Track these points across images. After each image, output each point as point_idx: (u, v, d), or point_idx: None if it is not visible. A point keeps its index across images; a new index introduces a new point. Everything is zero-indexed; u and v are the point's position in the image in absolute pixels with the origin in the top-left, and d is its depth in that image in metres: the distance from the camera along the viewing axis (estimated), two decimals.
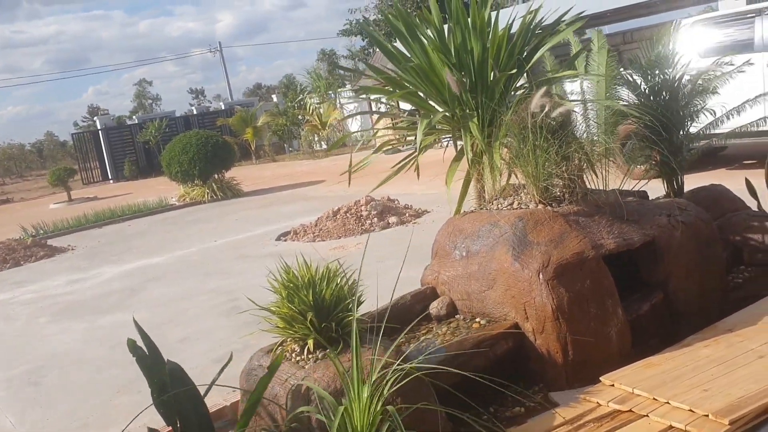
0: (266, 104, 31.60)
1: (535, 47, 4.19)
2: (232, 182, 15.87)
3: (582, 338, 2.94)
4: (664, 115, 4.23)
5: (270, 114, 26.72)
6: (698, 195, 4.27)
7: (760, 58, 7.84)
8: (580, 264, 3.01)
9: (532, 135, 3.31)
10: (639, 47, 4.59)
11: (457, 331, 3.15)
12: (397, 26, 4.13)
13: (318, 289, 2.69)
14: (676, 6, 16.50)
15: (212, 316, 5.78)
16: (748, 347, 2.85)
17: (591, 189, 3.60)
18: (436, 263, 3.59)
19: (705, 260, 3.44)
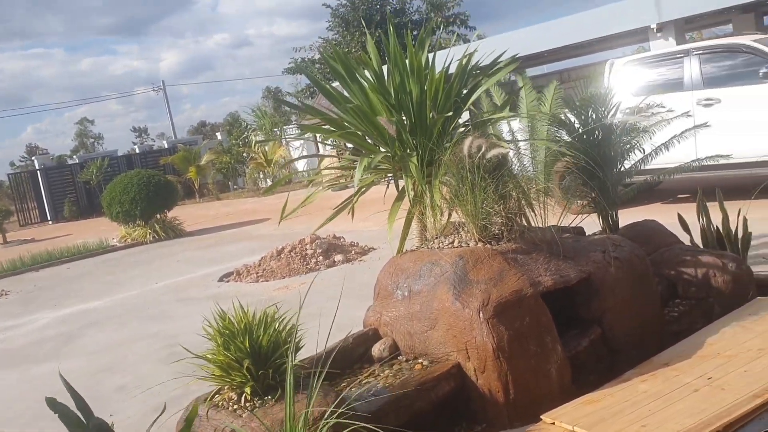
0: (210, 142, 31.36)
1: (472, 89, 4.28)
2: (175, 222, 15.61)
3: (522, 376, 2.95)
4: (597, 154, 4.35)
5: (214, 152, 26.50)
6: (633, 230, 4.38)
7: (689, 96, 8.18)
8: (519, 302, 3.04)
9: (471, 174, 3.36)
10: (575, 86, 4.73)
11: (400, 373, 3.13)
12: (336, 68, 4.16)
13: (255, 336, 2.64)
14: (611, 46, 17.14)
15: (152, 362, 5.61)
16: (683, 381, 2.91)
17: (529, 226, 3.65)
18: (378, 304, 3.57)
19: (640, 295, 3.51)
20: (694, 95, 8.24)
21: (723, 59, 8.32)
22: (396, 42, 4.05)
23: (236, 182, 28.65)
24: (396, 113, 4.05)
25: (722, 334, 3.34)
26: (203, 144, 30.18)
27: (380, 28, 28.00)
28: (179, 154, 26.28)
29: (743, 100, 7.95)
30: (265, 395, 2.68)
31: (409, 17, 32.23)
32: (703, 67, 8.35)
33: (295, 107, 5.43)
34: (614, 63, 9.34)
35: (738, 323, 3.44)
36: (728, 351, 3.12)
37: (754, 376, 2.80)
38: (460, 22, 32.00)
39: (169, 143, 33.79)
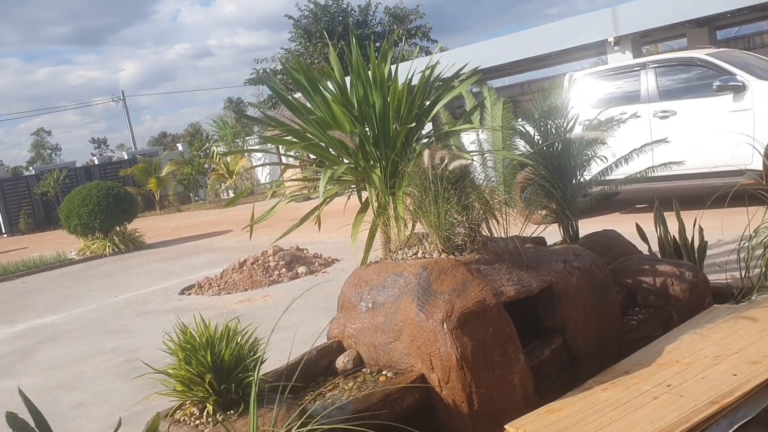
0: (171, 153, 31.02)
1: (435, 101, 4.31)
2: (135, 234, 15.37)
3: (486, 387, 2.96)
4: (557, 165, 4.42)
5: (175, 163, 26.21)
6: (592, 240, 4.45)
7: (645, 108, 8.36)
8: (482, 312, 3.06)
9: (434, 185, 3.38)
10: (535, 98, 4.80)
11: (364, 386, 3.12)
12: (299, 79, 4.16)
13: (217, 350, 2.60)
14: (570, 59, 17.46)
15: (111, 378, 5.50)
16: (643, 389, 2.95)
17: (491, 237, 3.69)
18: (342, 316, 3.56)
19: (600, 304, 3.56)
20: (650, 107, 8.43)
21: (678, 72, 8.53)
22: (359, 54, 4.07)
23: (197, 194, 28.35)
24: (359, 125, 4.05)
25: (680, 341, 3.40)
26: (164, 155, 29.83)
27: (343, 39, 28.08)
28: (139, 166, 25.93)
29: (698, 113, 8.15)
30: (228, 410, 2.64)
31: (371, 29, 32.39)
32: (659, 80, 8.55)
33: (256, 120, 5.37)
34: (573, 76, 9.50)
35: (695, 331, 3.50)
36: (686, 358, 3.18)
37: (711, 383, 2.86)
38: (422, 35, 32.27)
39: (129, 154, 33.31)
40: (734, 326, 3.48)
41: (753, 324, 3.46)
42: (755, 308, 3.68)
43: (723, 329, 3.46)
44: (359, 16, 32.63)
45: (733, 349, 3.17)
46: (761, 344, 3.18)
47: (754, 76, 7.84)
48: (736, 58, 8.40)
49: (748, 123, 7.66)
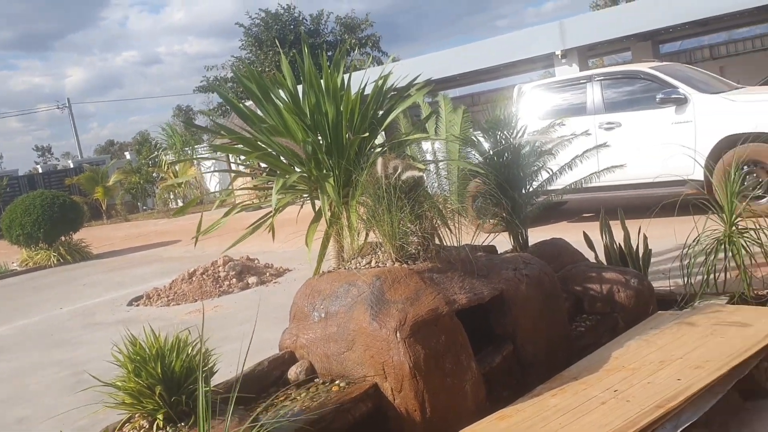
0: (119, 161, 30.38)
1: (388, 110, 4.34)
2: (81, 244, 14.99)
3: (438, 394, 2.98)
4: (507, 175, 4.49)
5: (123, 172, 25.68)
6: (541, 248, 4.53)
7: (591, 120, 8.57)
8: (435, 320, 3.08)
9: (387, 195, 3.39)
10: (485, 109, 4.87)
11: (317, 396, 3.10)
12: (250, 88, 4.13)
13: (167, 361, 2.56)
14: (519, 71, 17.76)
15: (56, 391, 5.34)
16: (591, 394, 3.01)
17: (444, 246, 3.72)
18: (294, 326, 3.54)
19: (549, 311, 3.63)
20: (596, 119, 8.64)
21: (623, 85, 8.76)
22: (311, 63, 4.07)
23: (146, 203, 27.82)
24: (312, 134, 4.05)
25: (626, 347, 3.48)
26: (111, 163, 29.20)
27: (294, 48, 28.01)
28: (85, 174, 25.32)
29: (642, 125, 8.39)
30: (179, 422, 2.60)
31: (323, 38, 32.40)
32: (605, 93, 8.77)
33: (205, 130, 5.31)
34: (522, 88, 9.67)
35: (641, 337, 3.60)
36: (632, 364, 3.25)
37: (656, 388, 2.94)
38: (372, 44, 32.43)
39: (74, 163, 32.53)
40: (678, 332, 3.58)
41: (696, 330, 3.57)
42: (698, 314, 3.80)
43: (667, 335, 3.56)
44: (311, 25, 32.62)
45: (677, 355, 3.27)
46: (703, 349, 3.28)
47: (696, 90, 8.11)
48: (678, 72, 8.69)
49: (690, 135, 7.92)
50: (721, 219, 4.43)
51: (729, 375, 3.05)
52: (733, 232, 4.35)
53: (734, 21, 15.02)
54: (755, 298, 4.21)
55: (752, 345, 3.25)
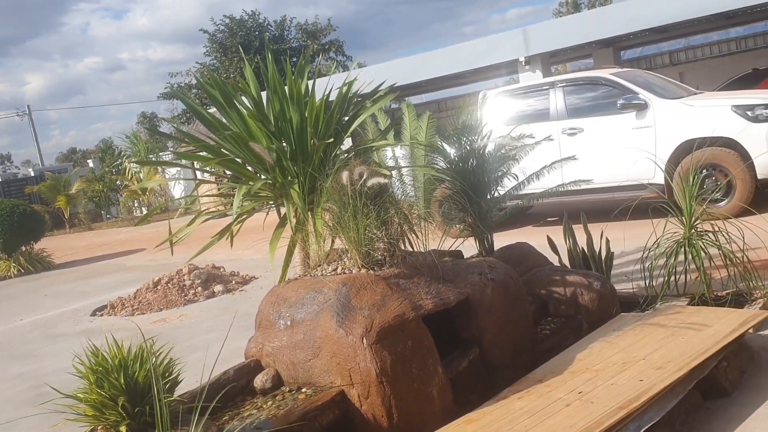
0: (81, 170, 29.89)
1: (353, 116, 4.34)
2: (43, 254, 14.70)
3: (405, 400, 2.99)
4: (473, 180, 4.53)
5: (85, 180, 25.25)
6: (506, 253, 4.57)
7: (554, 125, 8.68)
8: (401, 326, 3.09)
9: (353, 201, 3.40)
10: (451, 115, 4.91)
11: (283, 404, 3.08)
12: (214, 95, 4.11)
13: (130, 372, 2.52)
14: (484, 77, 17.93)
15: (16, 405, 5.21)
16: (556, 396, 3.04)
17: (410, 251, 3.73)
18: (260, 335, 3.52)
19: (515, 314, 3.66)
20: (559, 125, 8.75)
21: (585, 91, 8.90)
22: (275, 69, 4.06)
23: (110, 211, 27.40)
24: (276, 140, 4.04)
25: (590, 349, 3.53)
26: (74, 172, 28.70)
27: (258, 54, 27.87)
28: (47, 183, 24.83)
29: (603, 130, 8.52)
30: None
31: (288, 44, 32.32)
32: (567, 99, 8.90)
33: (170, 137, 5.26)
34: (487, 94, 9.75)
35: (604, 339, 3.65)
36: (596, 366, 3.30)
37: (619, 389, 2.98)
38: (336, 49, 32.44)
39: (35, 171, 31.91)
40: (640, 333, 3.64)
41: (657, 331, 3.63)
42: (659, 316, 3.87)
43: (630, 336, 3.62)
44: (275, 32, 32.53)
45: (640, 356, 3.32)
46: (665, 350, 3.34)
47: (656, 95, 8.27)
48: (638, 78, 8.85)
49: (651, 139, 8.07)
50: (681, 222, 4.52)
51: (690, 375, 3.11)
52: (693, 235, 4.44)
53: (692, 28, 15.36)
54: (715, 299, 4.30)
55: (712, 345, 3.32)
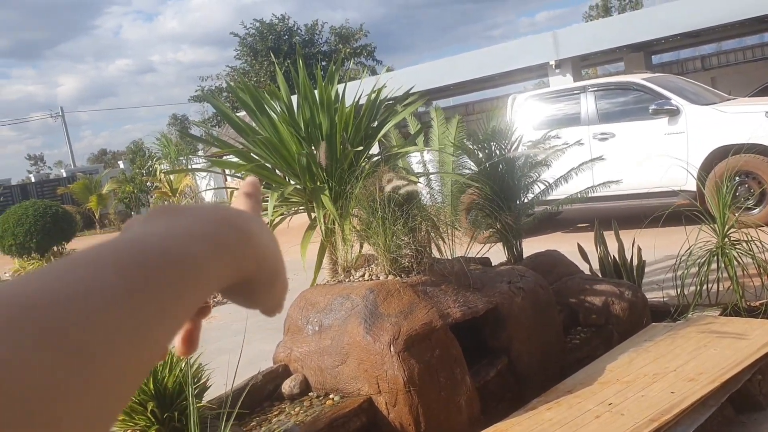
0: (112, 171, 30.32)
1: (382, 122, 4.35)
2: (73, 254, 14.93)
3: (433, 409, 2.98)
4: (502, 186, 4.50)
5: (116, 181, 25.61)
6: (536, 261, 4.53)
7: (585, 130, 8.60)
8: (429, 334, 3.08)
9: (381, 207, 3.40)
10: (480, 119, 4.89)
11: (311, 410, 3.09)
12: (245, 100, 4.13)
13: (159, 377, 2.55)
14: (513, 80, 17.82)
15: None
16: (585, 407, 3.01)
17: (438, 258, 3.72)
18: (288, 339, 3.53)
19: (544, 324, 3.63)
20: (590, 129, 8.67)
21: (616, 96, 8.80)
22: (305, 75, 4.08)
23: (140, 212, 27.75)
24: (306, 145, 4.05)
25: (620, 360, 3.48)
26: (104, 173, 29.12)
27: (289, 57, 28.05)
28: (78, 183, 25.25)
29: (635, 135, 8.42)
30: None
31: (318, 48, 32.46)
32: (598, 103, 8.81)
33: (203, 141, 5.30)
34: (516, 98, 9.70)
35: (635, 349, 3.59)
36: (626, 377, 3.25)
37: (650, 401, 2.93)
38: (367, 54, 32.49)
39: (67, 172, 32.45)
40: (671, 344, 3.58)
41: (689, 342, 3.57)
42: (691, 326, 3.80)
43: (661, 347, 3.56)
44: (305, 36, 32.68)
45: (671, 367, 3.27)
46: (697, 362, 3.28)
47: (688, 101, 8.15)
48: (670, 83, 8.73)
49: (683, 146, 7.95)
50: (713, 230, 4.44)
51: (722, 388, 3.05)
52: (726, 244, 4.36)
53: (725, 33, 15.13)
54: (748, 309, 4.22)
55: (745, 357, 3.26)
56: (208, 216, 0.41)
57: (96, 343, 0.29)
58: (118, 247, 0.35)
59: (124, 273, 0.33)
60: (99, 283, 0.31)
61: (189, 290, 0.36)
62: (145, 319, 0.32)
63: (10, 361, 0.26)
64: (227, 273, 0.40)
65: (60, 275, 0.31)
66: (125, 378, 0.31)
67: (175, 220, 0.40)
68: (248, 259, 0.42)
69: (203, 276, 0.37)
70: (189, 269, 0.36)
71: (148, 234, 0.37)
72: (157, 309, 0.33)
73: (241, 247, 0.42)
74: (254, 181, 0.53)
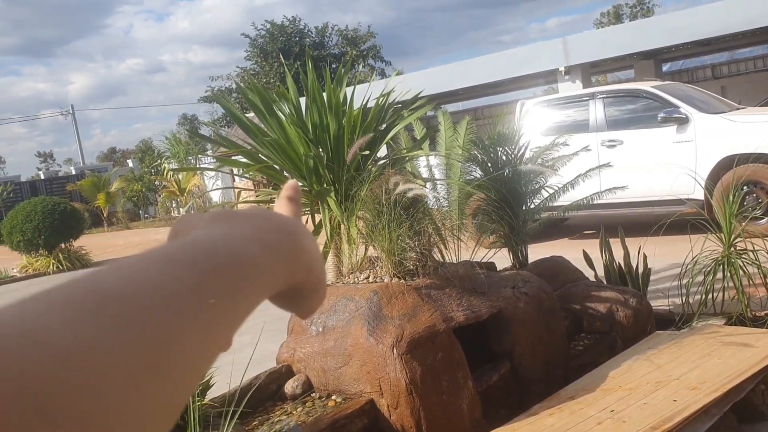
0: (121, 169, 30.47)
1: (390, 126, 4.36)
2: (81, 252, 14.99)
3: (434, 412, 2.98)
4: (508, 191, 4.50)
5: (125, 179, 25.74)
6: (541, 266, 4.53)
7: (593, 137, 8.59)
8: (432, 337, 3.08)
9: (387, 210, 3.41)
10: (489, 123, 4.90)
11: (313, 411, 3.10)
12: (254, 101, 4.16)
13: None
14: (522, 86, 17.83)
15: None
16: (588, 414, 3.01)
17: (442, 262, 3.73)
18: (291, 340, 3.54)
19: (548, 330, 3.63)
20: (598, 136, 8.66)
21: (625, 103, 8.79)
22: (314, 77, 4.10)
23: (147, 211, 27.86)
24: (314, 148, 4.07)
25: (624, 367, 3.48)
26: (113, 171, 29.27)
27: (298, 60, 28.12)
28: (87, 181, 25.36)
29: (643, 143, 8.41)
30: None
31: (328, 51, 32.54)
32: (607, 110, 8.80)
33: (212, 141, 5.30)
34: (525, 103, 9.69)
35: (638, 357, 3.59)
36: (629, 384, 3.25)
37: (652, 409, 2.93)
38: (374, 55, 32.53)
39: (76, 169, 32.62)
40: (676, 352, 3.58)
41: (693, 350, 3.57)
42: (695, 335, 3.80)
43: (665, 355, 3.56)
44: (316, 38, 32.76)
45: (674, 375, 3.26)
46: (701, 370, 3.28)
47: (697, 109, 8.14)
48: (680, 91, 8.72)
49: (691, 154, 7.94)
50: (719, 239, 4.43)
51: (725, 397, 3.04)
52: (732, 253, 4.36)
53: (736, 41, 15.09)
54: (753, 319, 4.21)
55: (749, 367, 3.25)
56: (265, 223, 0.43)
57: (171, 334, 0.31)
58: (187, 248, 0.37)
59: (196, 268, 0.35)
60: (173, 277, 0.33)
61: (252, 291, 0.38)
62: (214, 314, 0.34)
63: (93, 343, 0.28)
64: (283, 278, 0.42)
65: (138, 270, 0.33)
66: (192, 368, 0.33)
67: (235, 225, 0.42)
68: (301, 267, 0.44)
69: (263, 279, 0.40)
70: (253, 271, 0.38)
71: (215, 236, 0.39)
72: (225, 306, 0.35)
73: (296, 254, 0.44)
74: (295, 185, 0.54)
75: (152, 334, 0.30)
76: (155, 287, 0.32)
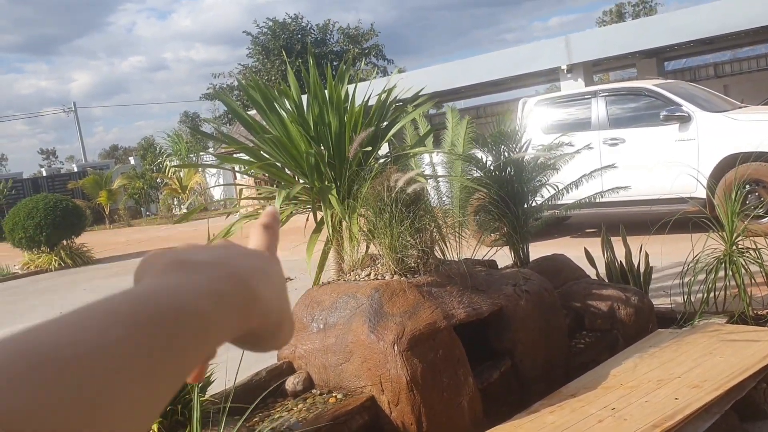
0: (123, 167, 30.49)
1: (391, 123, 4.36)
2: (83, 249, 15.01)
3: (435, 409, 2.98)
4: (510, 189, 4.50)
5: (126, 177, 25.77)
6: (542, 264, 4.53)
7: (595, 135, 8.58)
8: (433, 335, 3.08)
9: (388, 207, 3.41)
10: (491, 122, 4.89)
11: (314, 407, 3.10)
12: (255, 98, 4.16)
13: None
14: (524, 84, 17.80)
15: None
16: (588, 412, 3.00)
17: (443, 259, 3.72)
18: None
19: (549, 327, 3.63)
20: (600, 135, 8.64)
21: (627, 102, 8.78)
22: (316, 74, 4.09)
23: (149, 208, 27.89)
24: (315, 145, 4.07)
25: (625, 365, 3.48)
26: (115, 168, 29.30)
27: (300, 57, 28.10)
28: (89, 178, 25.39)
29: (645, 141, 8.40)
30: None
31: (330, 48, 32.52)
32: (609, 109, 8.79)
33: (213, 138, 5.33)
34: (527, 102, 9.68)
35: (640, 355, 3.59)
36: (630, 382, 3.25)
37: (653, 407, 2.93)
38: (376, 53, 32.52)
39: (78, 167, 32.63)
40: (677, 350, 3.58)
41: (695, 348, 3.56)
42: (697, 333, 3.79)
43: (666, 353, 3.55)
44: (318, 35, 32.75)
45: (676, 373, 3.26)
46: (702, 369, 3.27)
47: (699, 108, 8.12)
48: (682, 90, 8.70)
49: (693, 153, 7.92)
50: (721, 238, 4.43)
51: (726, 395, 3.04)
52: (734, 251, 4.35)
53: (739, 40, 15.07)
54: (755, 318, 4.21)
55: (750, 366, 3.24)
56: (218, 272, 0.43)
57: (108, 394, 0.32)
58: (132, 301, 0.38)
59: (137, 328, 0.36)
60: (113, 336, 0.34)
61: (198, 344, 0.39)
62: (156, 368, 0.35)
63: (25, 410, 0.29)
64: (234, 327, 0.43)
65: (77, 328, 0.34)
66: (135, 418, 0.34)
67: (186, 275, 0.42)
68: (255, 314, 0.45)
69: (212, 330, 0.41)
70: (199, 325, 0.39)
71: (162, 289, 0.40)
72: (166, 358, 0.36)
73: (248, 303, 0.44)
74: (273, 212, 0.55)
75: (88, 393, 0.31)
76: (95, 348, 0.33)
